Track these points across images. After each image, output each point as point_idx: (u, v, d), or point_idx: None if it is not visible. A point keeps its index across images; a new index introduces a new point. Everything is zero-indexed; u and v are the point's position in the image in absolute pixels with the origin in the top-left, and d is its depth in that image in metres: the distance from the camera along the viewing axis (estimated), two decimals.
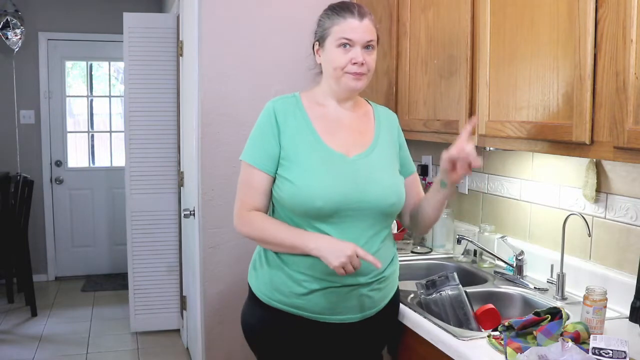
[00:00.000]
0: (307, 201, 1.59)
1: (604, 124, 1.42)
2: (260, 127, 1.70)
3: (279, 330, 1.69)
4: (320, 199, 1.58)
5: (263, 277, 1.70)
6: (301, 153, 1.64)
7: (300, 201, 1.60)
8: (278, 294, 1.66)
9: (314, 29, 1.75)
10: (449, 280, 1.83)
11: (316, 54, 1.74)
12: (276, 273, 1.67)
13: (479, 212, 2.49)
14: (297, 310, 1.65)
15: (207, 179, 2.77)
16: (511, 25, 1.75)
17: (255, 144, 1.69)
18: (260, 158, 1.66)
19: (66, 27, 5.40)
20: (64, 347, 3.96)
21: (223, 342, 2.84)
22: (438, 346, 1.59)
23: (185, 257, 3.70)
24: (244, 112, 2.77)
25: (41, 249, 5.45)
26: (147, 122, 4.00)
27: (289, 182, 1.62)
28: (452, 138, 2.10)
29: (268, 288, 1.69)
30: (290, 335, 1.68)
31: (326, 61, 1.69)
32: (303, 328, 1.67)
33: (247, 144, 1.72)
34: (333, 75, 1.68)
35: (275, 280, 1.67)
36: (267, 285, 1.69)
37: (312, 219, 1.61)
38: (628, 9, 1.31)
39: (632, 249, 1.75)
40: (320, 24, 1.72)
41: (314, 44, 1.74)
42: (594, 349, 1.36)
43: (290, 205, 1.62)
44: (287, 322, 1.67)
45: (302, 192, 1.59)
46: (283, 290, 1.66)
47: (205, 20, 2.72)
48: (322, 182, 1.60)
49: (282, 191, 1.63)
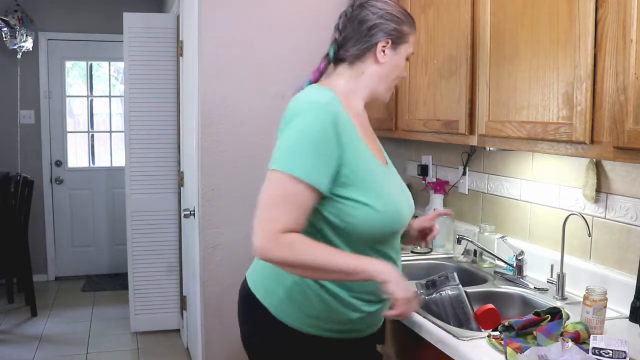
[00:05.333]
0: (389, 226, 1.46)
1: (604, 124, 1.42)
2: (316, 135, 1.36)
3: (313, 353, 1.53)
4: (399, 223, 1.49)
5: (308, 311, 1.48)
6: (365, 169, 1.44)
7: (382, 226, 1.44)
8: (325, 323, 1.49)
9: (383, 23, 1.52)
10: (449, 280, 1.83)
11: (381, 50, 1.52)
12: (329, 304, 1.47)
13: (479, 212, 2.49)
14: (341, 334, 1.52)
15: (207, 179, 2.77)
16: (511, 25, 1.75)
17: (308, 155, 1.35)
18: (316, 173, 1.35)
19: (66, 27, 5.40)
20: (63, 347, 3.96)
21: (223, 342, 2.84)
22: (438, 346, 1.59)
23: (185, 257, 3.70)
24: (244, 112, 2.77)
25: (41, 249, 5.45)
26: (147, 122, 4.00)
27: (366, 206, 1.41)
28: (452, 138, 2.11)
29: (312, 321, 1.49)
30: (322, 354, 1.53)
31: (392, 65, 1.54)
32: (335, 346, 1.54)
33: (292, 153, 1.37)
34: (386, 83, 1.56)
35: (328, 314, 1.48)
36: (311, 318, 1.48)
37: (379, 243, 1.48)
38: (628, 9, 1.31)
39: (632, 249, 1.75)
40: (398, 22, 1.54)
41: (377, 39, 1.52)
42: (594, 349, 1.36)
43: (365, 230, 1.42)
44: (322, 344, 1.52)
45: (385, 218, 1.44)
46: (333, 318, 1.49)
47: (205, 20, 2.72)
48: (398, 205, 1.49)
49: (355, 217, 1.41)
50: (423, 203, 2.79)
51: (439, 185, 2.64)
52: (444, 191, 2.65)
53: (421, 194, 2.87)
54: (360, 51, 1.53)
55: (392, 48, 1.53)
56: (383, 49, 1.52)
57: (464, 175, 2.57)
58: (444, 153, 2.73)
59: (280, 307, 1.49)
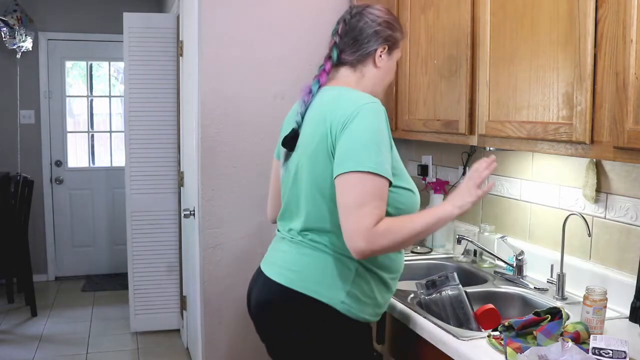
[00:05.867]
0: (419, 204, 1.64)
1: (604, 124, 1.42)
2: (382, 132, 1.50)
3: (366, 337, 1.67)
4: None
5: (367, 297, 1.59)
6: (400, 161, 1.60)
7: (417, 206, 1.63)
8: (378, 309, 1.64)
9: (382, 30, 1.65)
10: (449, 280, 1.83)
11: (378, 55, 1.66)
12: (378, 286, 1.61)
13: (479, 212, 2.49)
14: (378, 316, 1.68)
15: (207, 179, 2.77)
16: (511, 25, 1.75)
17: (381, 152, 1.47)
18: (390, 168, 1.50)
19: (66, 27, 5.40)
20: (63, 347, 3.96)
21: (223, 342, 2.84)
22: (438, 346, 1.59)
23: (185, 257, 3.70)
24: (244, 112, 2.77)
25: (41, 249, 5.45)
26: (147, 122, 4.00)
27: (409, 192, 1.59)
28: (452, 138, 2.11)
29: (372, 308, 1.62)
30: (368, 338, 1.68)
31: (388, 69, 1.70)
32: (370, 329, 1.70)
33: (369, 153, 1.46)
34: (383, 85, 1.72)
35: (377, 294, 1.61)
36: (370, 304, 1.60)
37: None
38: (628, 9, 1.31)
39: (632, 249, 1.75)
40: (393, 29, 1.68)
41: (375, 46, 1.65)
42: (594, 349, 1.36)
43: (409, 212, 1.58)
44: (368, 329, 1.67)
45: (417, 199, 1.63)
46: (382, 303, 1.65)
47: (205, 20, 2.72)
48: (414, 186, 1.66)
49: (403, 203, 1.57)
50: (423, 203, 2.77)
51: (439, 185, 2.64)
52: (444, 191, 2.64)
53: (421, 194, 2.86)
54: (362, 56, 1.65)
55: (387, 53, 1.68)
56: (381, 54, 1.66)
57: (464, 175, 2.57)
58: (444, 153, 2.73)
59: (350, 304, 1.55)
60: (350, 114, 1.48)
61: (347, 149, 1.47)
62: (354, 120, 1.47)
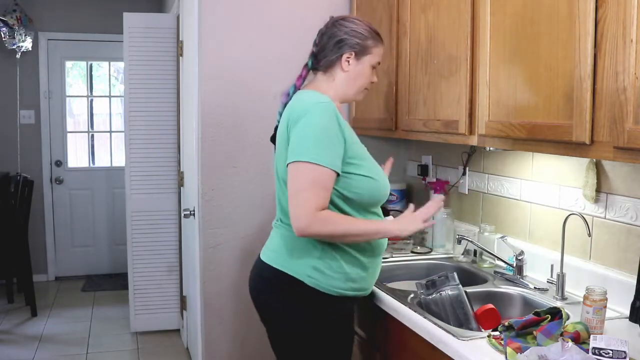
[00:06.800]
0: (383, 192, 1.83)
1: (604, 124, 1.42)
2: (328, 128, 1.70)
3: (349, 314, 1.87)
4: (387, 189, 1.86)
5: (334, 272, 1.77)
6: (362, 151, 1.81)
7: (380, 193, 1.81)
8: (351, 283, 1.80)
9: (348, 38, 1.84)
10: (449, 280, 1.83)
11: (344, 61, 1.85)
12: (348, 262, 1.78)
13: (479, 212, 2.49)
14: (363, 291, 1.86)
15: (207, 179, 2.77)
16: (511, 25, 1.75)
17: (325, 145, 1.69)
18: (332, 158, 1.69)
19: (66, 27, 5.40)
20: (64, 347, 3.96)
21: (223, 342, 2.84)
22: (438, 346, 1.59)
23: (185, 257, 3.69)
24: (244, 112, 2.77)
25: (41, 249, 5.45)
26: (147, 122, 4.00)
27: (369, 179, 1.77)
28: (452, 138, 2.11)
29: (341, 280, 1.78)
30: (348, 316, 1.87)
31: (357, 73, 1.87)
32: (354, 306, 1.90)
33: (312, 146, 1.68)
34: (355, 87, 1.88)
35: (348, 270, 1.78)
36: (339, 279, 1.78)
37: (374, 207, 1.84)
38: (628, 9, 1.31)
39: (632, 249, 1.75)
40: (361, 37, 1.85)
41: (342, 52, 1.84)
42: (594, 349, 1.36)
43: (369, 198, 1.79)
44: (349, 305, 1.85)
45: (381, 185, 1.81)
46: (354, 277, 1.80)
47: (205, 20, 2.72)
48: (385, 177, 1.88)
49: (362, 188, 1.76)
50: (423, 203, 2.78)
51: (439, 185, 2.64)
52: (444, 191, 2.64)
53: (421, 194, 2.87)
54: (331, 61, 1.86)
55: (355, 59, 1.85)
56: (347, 60, 1.85)
57: (464, 175, 2.57)
58: (444, 153, 2.73)
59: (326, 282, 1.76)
60: (301, 112, 1.72)
61: (294, 142, 1.71)
62: (303, 118, 1.70)
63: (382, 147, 2.91)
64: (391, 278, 2.28)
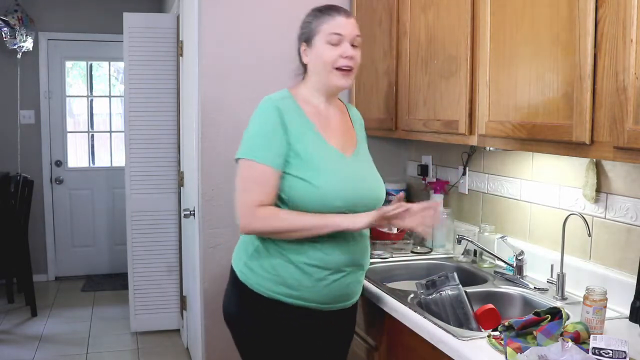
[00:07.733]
0: (326, 201, 1.67)
1: (604, 124, 1.42)
2: (266, 125, 1.69)
3: (279, 322, 1.74)
4: (339, 199, 1.68)
5: (264, 271, 1.72)
6: (310, 152, 1.69)
7: (318, 200, 1.66)
8: (284, 288, 1.70)
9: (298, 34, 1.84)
10: (449, 280, 1.83)
11: (302, 54, 1.82)
12: (282, 265, 1.70)
13: (479, 212, 2.49)
14: (303, 301, 1.71)
15: (207, 179, 2.77)
16: (511, 25, 1.75)
17: (262, 142, 1.68)
18: (271, 155, 1.66)
19: (66, 27, 5.40)
20: (64, 347, 3.96)
21: (223, 342, 2.84)
22: (438, 346, 1.59)
23: (185, 257, 3.70)
24: (244, 112, 2.75)
25: (41, 249, 5.45)
26: (147, 122, 4.00)
27: (304, 182, 1.66)
28: (452, 138, 2.11)
29: (272, 282, 1.71)
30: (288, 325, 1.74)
31: (316, 58, 1.78)
32: (301, 318, 1.74)
33: (250, 142, 1.70)
34: (323, 71, 1.77)
35: (282, 274, 1.70)
36: (270, 279, 1.71)
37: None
38: (628, 9, 1.31)
39: (632, 249, 1.75)
40: (305, 25, 1.81)
41: (299, 46, 1.83)
42: (594, 349, 1.36)
43: (304, 203, 1.67)
44: (287, 313, 1.73)
45: (320, 192, 1.66)
46: (291, 283, 1.70)
47: (205, 20, 2.72)
48: (339, 183, 1.69)
49: (296, 190, 1.67)
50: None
51: (439, 185, 2.64)
52: (444, 191, 2.65)
53: (421, 194, 2.87)
54: (300, 61, 1.86)
55: (308, 47, 1.80)
56: (304, 52, 1.82)
57: (464, 175, 2.57)
58: (444, 153, 2.73)
59: (254, 279, 1.73)
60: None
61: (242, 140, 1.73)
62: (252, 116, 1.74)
63: (382, 147, 2.91)
64: (391, 278, 2.29)
